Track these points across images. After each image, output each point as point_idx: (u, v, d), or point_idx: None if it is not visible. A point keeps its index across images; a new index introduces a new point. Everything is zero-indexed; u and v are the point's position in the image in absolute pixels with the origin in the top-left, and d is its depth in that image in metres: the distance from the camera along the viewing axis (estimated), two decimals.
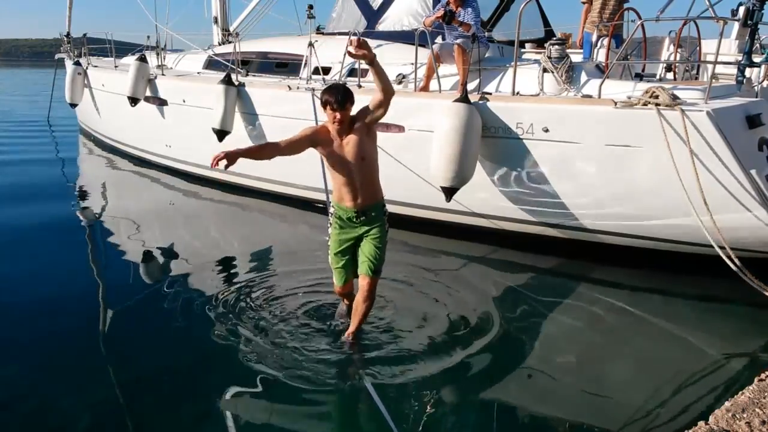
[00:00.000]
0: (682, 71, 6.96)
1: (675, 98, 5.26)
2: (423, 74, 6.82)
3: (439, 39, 6.96)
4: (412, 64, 6.86)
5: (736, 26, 7.08)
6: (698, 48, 6.87)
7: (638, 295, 5.54)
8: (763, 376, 3.18)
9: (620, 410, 3.70)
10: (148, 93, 9.72)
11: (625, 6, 7.09)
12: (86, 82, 12.00)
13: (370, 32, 8.12)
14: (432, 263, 6.12)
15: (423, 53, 6.77)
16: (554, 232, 6.31)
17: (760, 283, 4.71)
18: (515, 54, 6.15)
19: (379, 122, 3.97)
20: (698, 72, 7.20)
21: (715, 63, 5.61)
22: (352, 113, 3.90)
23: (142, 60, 9.71)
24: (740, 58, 6.22)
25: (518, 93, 6.18)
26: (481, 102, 6.12)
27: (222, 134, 8.16)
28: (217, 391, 3.73)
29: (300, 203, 7.94)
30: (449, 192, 6.13)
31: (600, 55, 6.73)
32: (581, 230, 6.12)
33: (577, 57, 7.07)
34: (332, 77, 7.66)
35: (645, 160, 5.44)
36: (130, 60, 10.29)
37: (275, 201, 8.24)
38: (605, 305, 5.33)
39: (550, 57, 6.14)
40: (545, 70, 6.21)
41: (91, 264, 6.20)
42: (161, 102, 9.56)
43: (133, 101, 9.71)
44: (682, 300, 5.45)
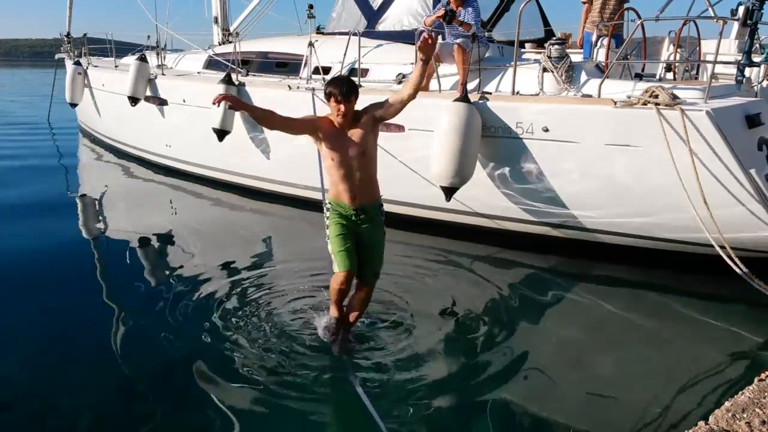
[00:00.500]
0: (682, 71, 6.96)
1: (675, 98, 5.26)
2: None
3: (440, 39, 6.96)
4: (412, 64, 6.87)
5: (736, 26, 7.08)
6: (698, 48, 6.88)
7: (638, 295, 5.54)
8: (763, 376, 3.18)
9: (620, 410, 3.70)
10: (149, 93, 9.72)
11: (625, 6, 7.09)
12: (86, 82, 12.00)
13: (370, 32, 8.13)
14: (431, 263, 6.11)
15: None
16: (554, 232, 6.31)
17: (760, 283, 4.72)
18: (515, 54, 6.16)
19: None
20: (698, 72, 7.20)
21: (715, 63, 5.61)
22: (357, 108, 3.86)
23: (142, 60, 9.72)
24: (740, 58, 6.22)
25: (518, 93, 6.18)
26: (481, 101, 6.13)
27: (222, 134, 8.17)
28: (217, 391, 3.73)
29: (300, 203, 7.94)
30: (449, 191, 6.14)
31: (600, 55, 6.73)
32: (581, 230, 6.13)
33: (577, 57, 7.07)
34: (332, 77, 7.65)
35: (644, 160, 5.44)
36: (130, 60, 10.29)
37: (275, 201, 8.24)
38: (605, 305, 5.33)
39: (550, 57, 6.14)
40: (545, 70, 6.21)
41: (92, 264, 6.21)
42: (161, 102, 9.57)
43: (134, 101, 9.72)
44: (683, 300, 5.44)
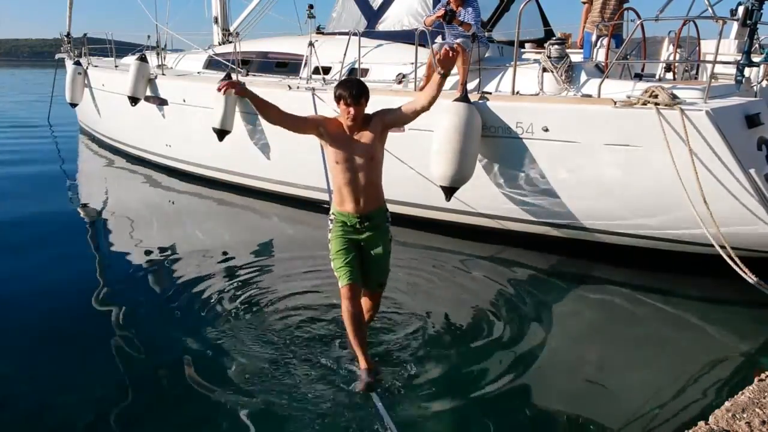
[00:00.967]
0: (682, 71, 6.96)
1: (674, 98, 5.27)
2: (423, 74, 6.83)
3: (439, 38, 6.97)
4: (412, 64, 6.87)
5: (735, 26, 7.07)
6: (697, 48, 6.88)
7: (639, 295, 5.54)
8: (763, 376, 3.17)
9: (620, 410, 3.70)
10: (149, 93, 9.73)
11: (625, 6, 7.09)
12: (86, 82, 12.01)
13: (370, 32, 8.13)
14: (431, 262, 6.11)
15: (423, 53, 6.78)
16: (554, 232, 6.32)
17: (761, 281, 4.72)
18: (515, 54, 6.16)
19: None
20: (697, 72, 7.20)
21: (714, 63, 5.61)
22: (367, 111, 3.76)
23: (143, 60, 9.73)
24: (739, 58, 6.21)
25: (518, 92, 6.19)
26: (481, 101, 6.13)
27: (222, 134, 8.16)
28: (217, 391, 3.73)
29: (300, 203, 7.94)
30: (449, 191, 6.14)
31: (600, 55, 6.73)
32: (581, 230, 6.13)
33: (577, 57, 7.07)
34: (332, 77, 7.66)
35: (644, 160, 5.44)
36: (131, 60, 10.30)
37: (275, 201, 8.25)
38: (605, 305, 5.34)
39: (550, 57, 6.14)
40: (545, 70, 6.21)
41: (92, 264, 6.20)
42: (161, 102, 9.56)
43: (134, 101, 9.73)
44: (683, 300, 5.44)
